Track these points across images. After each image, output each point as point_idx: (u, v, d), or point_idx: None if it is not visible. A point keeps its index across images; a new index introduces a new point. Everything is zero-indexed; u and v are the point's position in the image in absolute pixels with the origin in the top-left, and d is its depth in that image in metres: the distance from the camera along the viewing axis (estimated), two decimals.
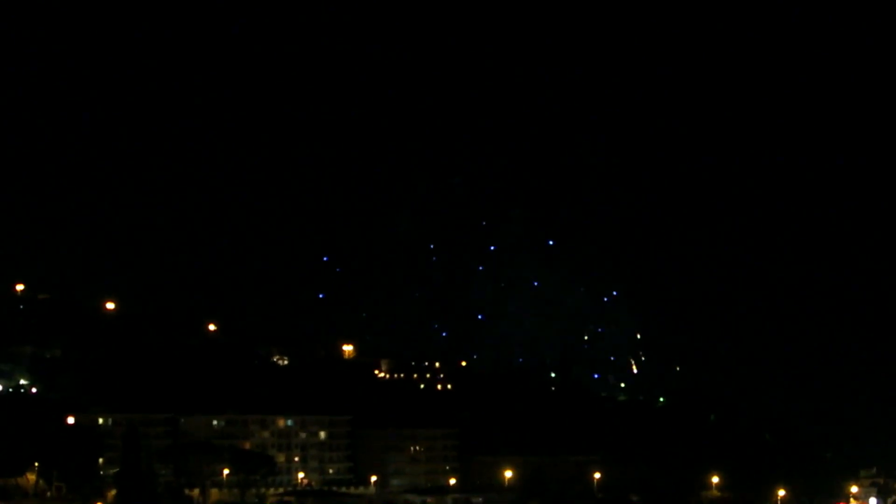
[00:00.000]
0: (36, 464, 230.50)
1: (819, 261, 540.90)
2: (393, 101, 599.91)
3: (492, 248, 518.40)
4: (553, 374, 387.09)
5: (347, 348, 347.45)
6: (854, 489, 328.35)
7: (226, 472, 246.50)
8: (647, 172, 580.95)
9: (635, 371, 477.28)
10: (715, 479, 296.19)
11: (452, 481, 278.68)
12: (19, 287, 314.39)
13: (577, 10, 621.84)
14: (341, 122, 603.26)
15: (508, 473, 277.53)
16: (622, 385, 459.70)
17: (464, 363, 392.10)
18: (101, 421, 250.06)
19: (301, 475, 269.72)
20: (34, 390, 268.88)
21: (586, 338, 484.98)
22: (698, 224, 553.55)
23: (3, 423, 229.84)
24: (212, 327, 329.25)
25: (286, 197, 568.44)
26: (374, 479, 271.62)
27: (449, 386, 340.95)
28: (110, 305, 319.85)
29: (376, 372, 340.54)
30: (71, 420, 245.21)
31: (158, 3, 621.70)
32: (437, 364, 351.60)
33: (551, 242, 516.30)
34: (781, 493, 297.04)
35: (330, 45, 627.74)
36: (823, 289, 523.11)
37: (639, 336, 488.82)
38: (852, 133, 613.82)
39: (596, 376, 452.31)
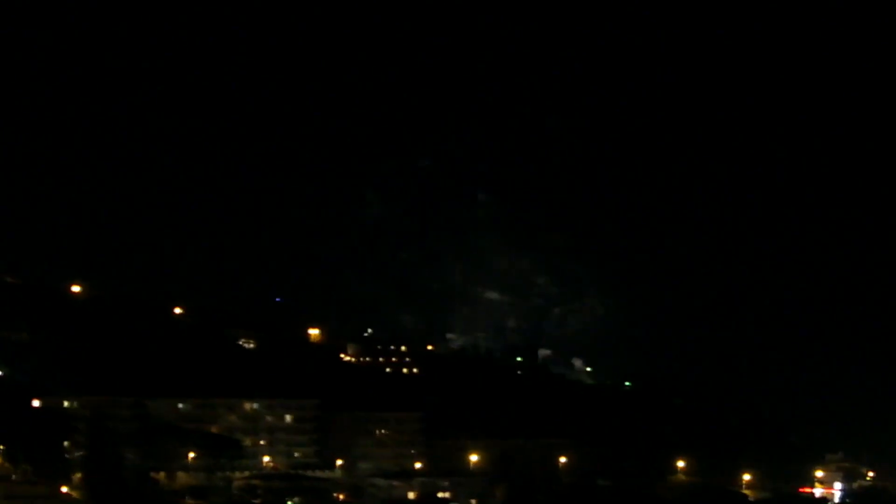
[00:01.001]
0: (1, 446, 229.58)
1: (785, 245, 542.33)
2: (358, 82, 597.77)
3: (459, 230, 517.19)
4: (519, 358, 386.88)
5: (314, 332, 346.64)
6: (820, 473, 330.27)
7: (192, 455, 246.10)
8: (617, 155, 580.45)
9: (601, 355, 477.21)
10: (681, 464, 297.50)
11: (419, 465, 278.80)
12: None
13: None
14: (305, 103, 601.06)
15: (475, 457, 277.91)
16: (588, 369, 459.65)
17: (430, 347, 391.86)
18: (67, 404, 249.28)
19: (267, 458, 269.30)
20: (0, 373, 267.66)
21: (552, 322, 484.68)
22: (667, 208, 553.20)
23: None
24: (178, 310, 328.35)
25: (251, 179, 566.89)
26: (340, 462, 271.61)
27: (416, 370, 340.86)
28: (77, 288, 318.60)
29: (343, 356, 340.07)
30: (37, 403, 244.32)
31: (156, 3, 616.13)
32: (404, 348, 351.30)
33: (520, 238, 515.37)
34: (747, 477, 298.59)
35: (290, 28, 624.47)
36: (790, 273, 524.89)
37: (605, 320, 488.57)
38: (836, 123, 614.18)
39: (562, 360, 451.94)
